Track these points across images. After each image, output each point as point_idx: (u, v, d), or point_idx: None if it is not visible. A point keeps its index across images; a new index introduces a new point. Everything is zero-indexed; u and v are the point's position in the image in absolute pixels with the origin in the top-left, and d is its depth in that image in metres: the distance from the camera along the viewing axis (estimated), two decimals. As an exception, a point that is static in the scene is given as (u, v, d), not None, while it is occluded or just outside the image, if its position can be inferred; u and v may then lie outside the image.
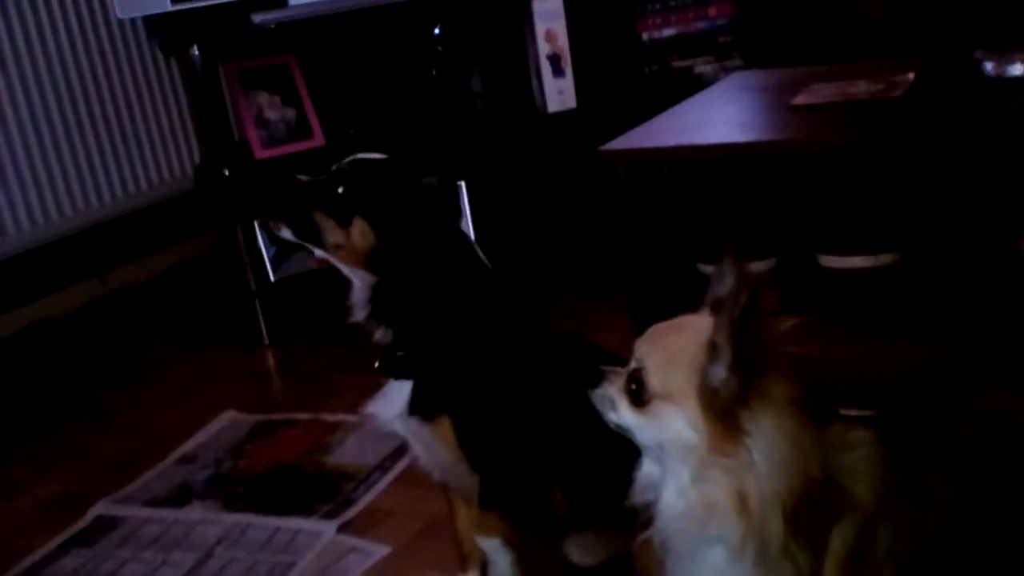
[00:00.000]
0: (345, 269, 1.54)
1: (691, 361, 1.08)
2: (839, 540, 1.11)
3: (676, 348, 1.11)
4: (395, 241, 1.47)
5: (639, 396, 1.12)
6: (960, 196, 2.02)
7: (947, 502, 1.13)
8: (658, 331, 1.16)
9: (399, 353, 1.51)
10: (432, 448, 1.53)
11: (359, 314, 1.52)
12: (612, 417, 1.17)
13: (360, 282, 1.52)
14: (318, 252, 1.53)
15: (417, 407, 1.51)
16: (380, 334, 1.52)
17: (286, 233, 1.53)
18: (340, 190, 1.49)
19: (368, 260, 1.49)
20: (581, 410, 1.22)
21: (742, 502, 1.07)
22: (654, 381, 1.11)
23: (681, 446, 1.09)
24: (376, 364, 1.54)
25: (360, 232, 1.48)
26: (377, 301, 1.50)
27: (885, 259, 2.05)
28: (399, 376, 1.52)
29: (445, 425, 1.49)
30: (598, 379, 1.18)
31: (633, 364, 1.14)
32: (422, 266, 1.47)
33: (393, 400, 1.53)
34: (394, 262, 1.47)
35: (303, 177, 1.53)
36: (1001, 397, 1.23)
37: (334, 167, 1.53)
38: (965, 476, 1.14)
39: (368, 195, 1.48)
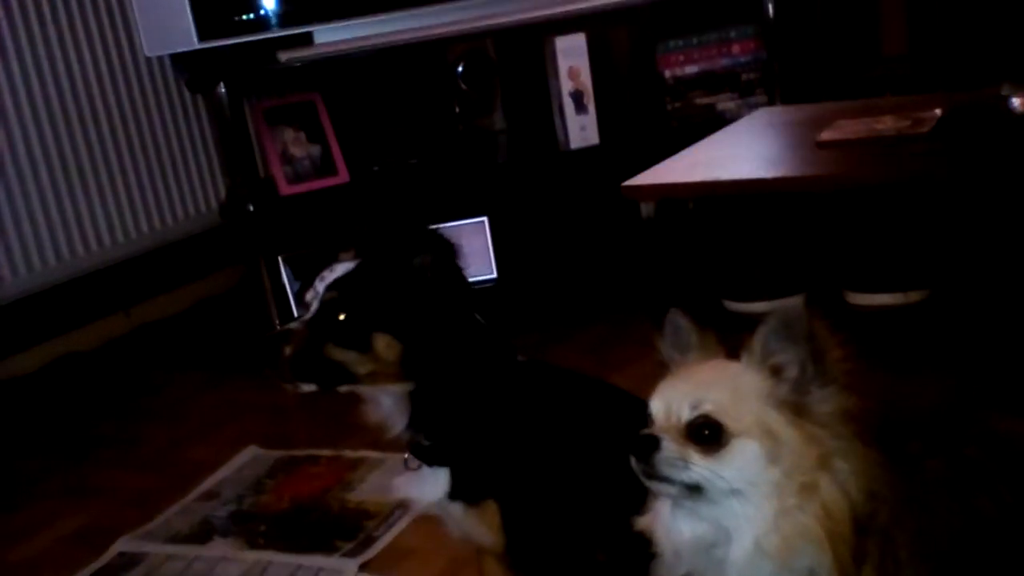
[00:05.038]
0: (378, 392, 1.43)
1: (755, 391, 1.08)
2: (868, 563, 1.09)
3: (735, 382, 1.09)
4: (423, 337, 1.39)
5: (716, 440, 1.07)
6: (990, 233, 2.01)
7: (954, 514, 1.12)
8: (693, 375, 1.13)
9: (427, 443, 1.46)
10: (473, 529, 1.48)
11: (395, 429, 1.45)
12: (682, 477, 1.08)
13: (391, 398, 1.43)
14: (344, 389, 1.43)
15: (459, 493, 1.46)
16: (408, 433, 1.45)
17: (310, 388, 1.42)
18: (342, 317, 1.38)
19: (401, 369, 1.40)
20: (613, 466, 1.17)
21: (829, 518, 1.05)
22: (729, 420, 1.07)
23: (765, 480, 1.06)
24: (407, 455, 1.49)
25: (385, 346, 1.38)
26: (418, 408, 1.42)
27: (913, 297, 2.03)
28: (435, 464, 1.47)
29: (491, 510, 1.44)
30: (654, 444, 1.08)
31: (690, 412, 1.08)
32: (455, 353, 1.40)
33: (429, 484, 1.47)
34: (429, 359, 1.39)
35: (293, 325, 1.42)
36: (1007, 421, 1.22)
37: (315, 300, 1.41)
38: (970, 493, 1.14)
39: (374, 308, 1.38)
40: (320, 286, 1.42)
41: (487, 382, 1.45)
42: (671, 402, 1.11)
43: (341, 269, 1.43)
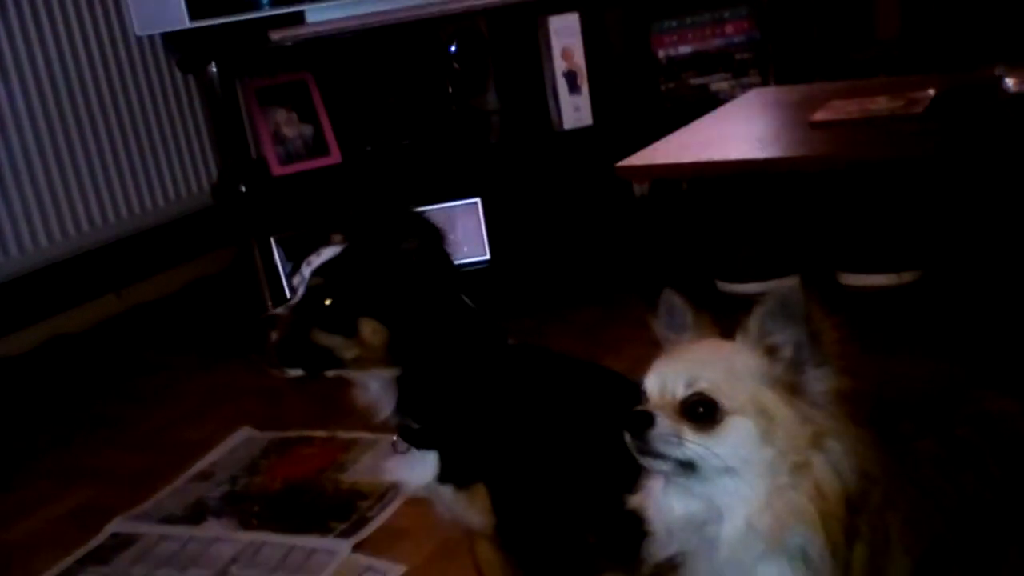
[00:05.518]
0: (365, 376, 1.44)
1: (750, 370, 1.08)
2: (860, 541, 1.10)
3: (730, 361, 1.10)
4: (409, 322, 1.38)
5: (710, 418, 1.07)
6: (982, 213, 2.01)
7: (946, 495, 1.13)
8: (688, 353, 1.13)
9: (415, 426, 1.46)
10: (463, 512, 1.48)
11: (383, 412, 1.45)
12: (676, 453, 1.08)
13: (379, 382, 1.44)
14: (331, 374, 1.43)
15: (449, 476, 1.46)
16: (398, 418, 1.46)
17: (296, 373, 1.42)
18: (328, 303, 1.38)
19: (388, 354, 1.40)
20: (604, 448, 1.18)
21: (821, 498, 1.06)
22: (723, 398, 1.08)
23: (758, 458, 1.07)
24: (395, 438, 1.49)
25: (371, 332, 1.38)
26: (405, 392, 1.42)
27: (906, 277, 2.04)
28: (423, 447, 1.47)
29: (481, 494, 1.44)
30: (648, 420, 1.09)
31: (684, 390, 1.09)
32: (442, 338, 1.40)
33: (419, 467, 1.47)
34: (415, 344, 1.39)
35: (279, 310, 1.42)
36: (998, 400, 1.23)
37: (301, 285, 1.41)
38: (962, 472, 1.15)
39: (360, 293, 1.38)
40: (306, 271, 1.41)
41: (475, 366, 1.45)
42: (666, 380, 1.11)
43: (328, 253, 1.42)
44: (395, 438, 1.49)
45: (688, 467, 1.09)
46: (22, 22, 3.08)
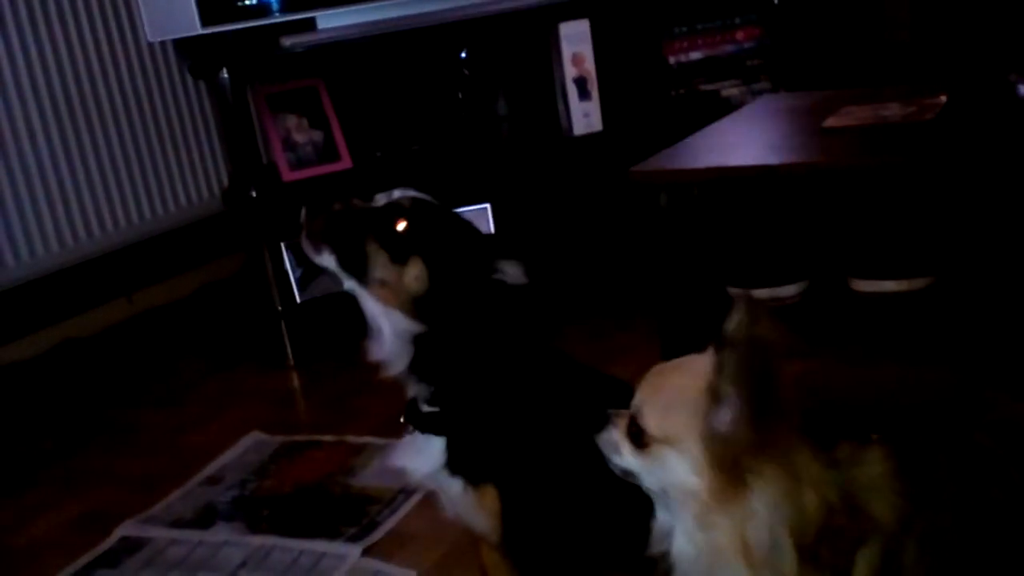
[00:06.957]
0: (379, 311, 1.40)
1: (690, 404, 1.07)
2: (864, 563, 1.09)
3: (675, 390, 1.11)
4: (451, 290, 1.37)
5: (639, 439, 1.12)
6: (995, 220, 2.00)
7: (968, 509, 1.11)
8: (658, 372, 1.16)
9: (429, 408, 1.43)
10: (469, 512, 1.45)
11: (394, 367, 1.41)
12: (617, 461, 1.16)
13: (393, 330, 1.40)
14: (348, 285, 1.41)
15: (458, 468, 1.42)
16: (415, 389, 1.43)
17: (327, 260, 1.40)
18: (402, 226, 1.37)
19: (414, 305, 1.37)
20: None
21: (747, 548, 1.05)
22: (652, 424, 1.10)
23: (683, 490, 1.08)
24: (403, 418, 1.46)
25: (415, 274, 1.37)
26: (420, 353, 1.39)
27: (918, 284, 2.03)
28: (431, 432, 1.44)
29: (491, 495, 1.41)
30: (603, 423, 1.18)
31: (632, 409, 1.14)
32: (477, 321, 1.38)
33: (425, 454, 1.44)
34: (445, 312, 1.37)
35: (358, 202, 1.40)
36: (1017, 406, 1.22)
37: (386, 199, 1.41)
38: (984, 482, 1.13)
39: (432, 237, 1.38)
40: (396, 192, 1.42)
41: (503, 359, 1.42)
42: (637, 392, 1.15)
43: (424, 196, 1.43)
44: (403, 419, 1.47)
45: (633, 476, 1.14)
46: (34, 28, 3.09)
